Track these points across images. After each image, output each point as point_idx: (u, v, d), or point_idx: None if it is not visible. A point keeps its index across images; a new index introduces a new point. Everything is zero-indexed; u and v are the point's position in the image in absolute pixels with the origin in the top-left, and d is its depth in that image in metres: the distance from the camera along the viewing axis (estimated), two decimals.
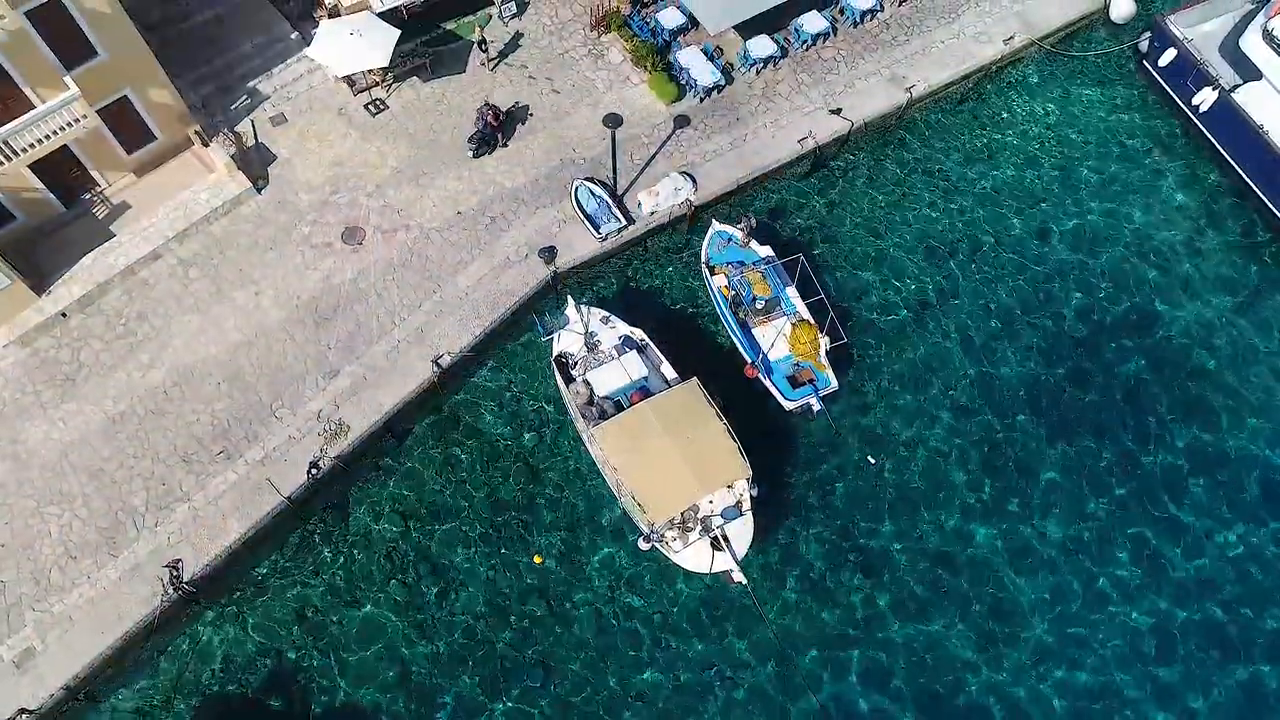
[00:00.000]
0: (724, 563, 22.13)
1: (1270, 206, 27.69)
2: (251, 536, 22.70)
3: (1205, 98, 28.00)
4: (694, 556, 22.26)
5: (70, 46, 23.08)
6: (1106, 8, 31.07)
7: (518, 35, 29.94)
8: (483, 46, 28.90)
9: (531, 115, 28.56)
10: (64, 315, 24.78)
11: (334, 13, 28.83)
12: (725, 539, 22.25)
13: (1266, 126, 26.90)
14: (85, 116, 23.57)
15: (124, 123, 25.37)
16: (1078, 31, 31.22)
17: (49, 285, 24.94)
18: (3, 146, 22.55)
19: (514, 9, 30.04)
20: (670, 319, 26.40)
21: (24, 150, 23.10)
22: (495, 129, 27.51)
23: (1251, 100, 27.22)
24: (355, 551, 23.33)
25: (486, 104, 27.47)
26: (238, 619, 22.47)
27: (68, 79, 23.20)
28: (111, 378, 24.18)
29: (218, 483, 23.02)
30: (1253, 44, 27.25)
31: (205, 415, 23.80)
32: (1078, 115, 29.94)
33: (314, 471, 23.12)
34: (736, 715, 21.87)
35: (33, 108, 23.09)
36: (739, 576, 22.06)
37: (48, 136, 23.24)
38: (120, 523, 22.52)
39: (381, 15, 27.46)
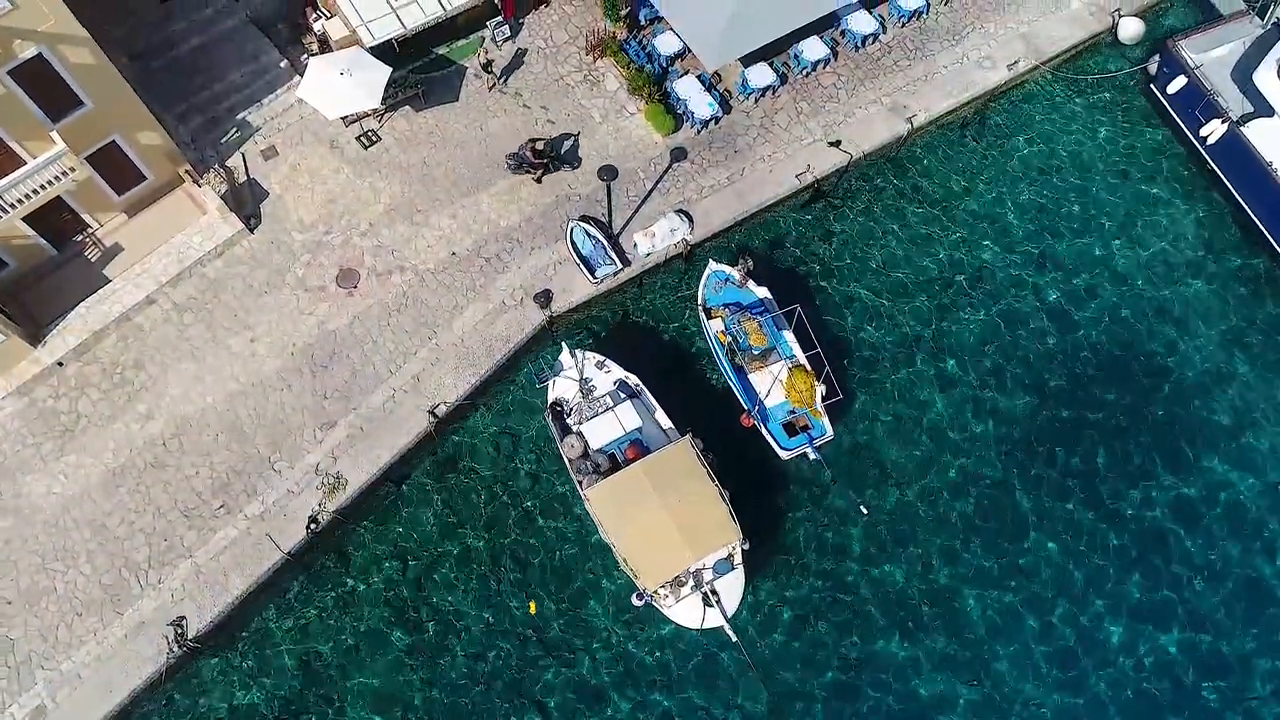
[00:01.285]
0: (715, 619, 22.54)
1: (1275, 244, 27.31)
2: (253, 590, 23.13)
3: (1214, 130, 27.40)
4: (686, 612, 22.65)
5: (55, 100, 22.77)
6: (1114, 28, 30.17)
7: (511, 60, 29.28)
8: (488, 69, 28.27)
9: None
10: (60, 365, 24.87)
11: (323, 41, 28.23)
12: (716, 595, 22.63)
13: (1276, 164, 26.38)
14: (75, 169, 23.37)
15: (114, 166, 25.07)
16: (1084, 52, 30.39)
17: (44, 334, 24.96)
18: None
19: (507, 32, 29.31)
20: (666, 360, 26.37)
21: (13, 206, 22.95)
22: (534, 164, 27.09)
23: (1262, 136, 26.63)
24: (355, 597, 23.77)
25: (532, 139, 26.83)
26: (242, 670, 23.01)
27: (54, 133, 22.93)
28: (110, 429, 24.36)
29: (219, 538, 23.37)
30: (1266, 80, 26.53)
31: (204, 468, 24.04)
32: (1082, 143, 29.33)
33: (313, 526, 23.43)
34: None
35: (22, 163, 22.89)
36: (729, 632, 22.49)
37: (37, 191, 23.05)
38: (124, 579, 22.94)
39: (371, 50, 26.81)
